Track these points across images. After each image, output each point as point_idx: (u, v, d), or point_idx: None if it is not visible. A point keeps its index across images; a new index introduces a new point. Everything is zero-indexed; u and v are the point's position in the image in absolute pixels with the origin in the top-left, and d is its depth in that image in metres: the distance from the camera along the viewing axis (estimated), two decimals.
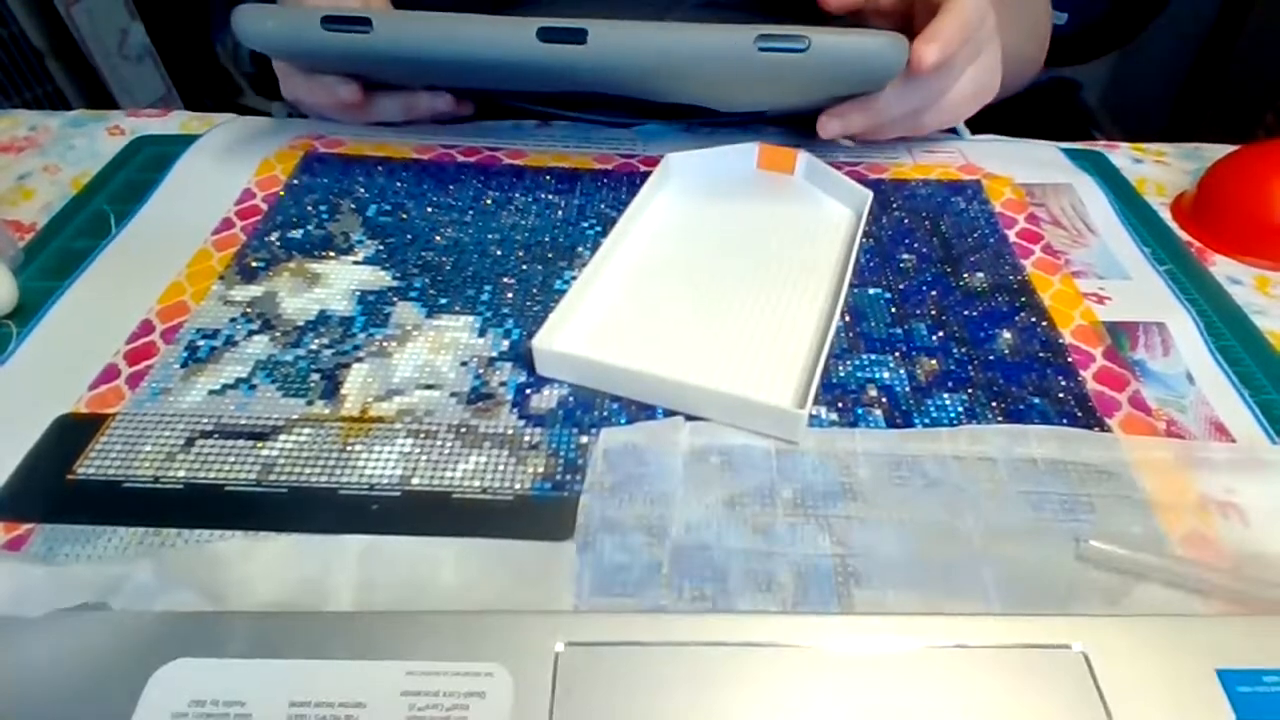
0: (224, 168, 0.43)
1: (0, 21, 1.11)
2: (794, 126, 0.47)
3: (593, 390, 0.31)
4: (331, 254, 0.38)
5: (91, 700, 0.19)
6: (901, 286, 0.37)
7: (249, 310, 0.34)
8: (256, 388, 0.31)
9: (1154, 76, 1.35)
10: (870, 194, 0.40)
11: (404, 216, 0.40)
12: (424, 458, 0.28)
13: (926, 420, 0.30)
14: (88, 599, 0.23)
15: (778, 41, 0.35)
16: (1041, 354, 0.33)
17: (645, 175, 0.41)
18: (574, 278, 0.35)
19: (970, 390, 0.32)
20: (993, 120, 0.50)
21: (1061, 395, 0.31)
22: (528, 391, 0.31)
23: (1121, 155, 0.49)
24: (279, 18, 0.37)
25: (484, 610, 0.23)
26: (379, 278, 0.36)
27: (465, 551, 0.25)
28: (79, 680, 0.20)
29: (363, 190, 0.42)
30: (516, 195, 0.42)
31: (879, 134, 0.43)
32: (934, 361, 0.33)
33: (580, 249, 0.39)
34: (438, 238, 0.39)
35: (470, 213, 0.41)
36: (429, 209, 0.41)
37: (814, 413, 0.30)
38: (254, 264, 0.37)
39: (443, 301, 0.35)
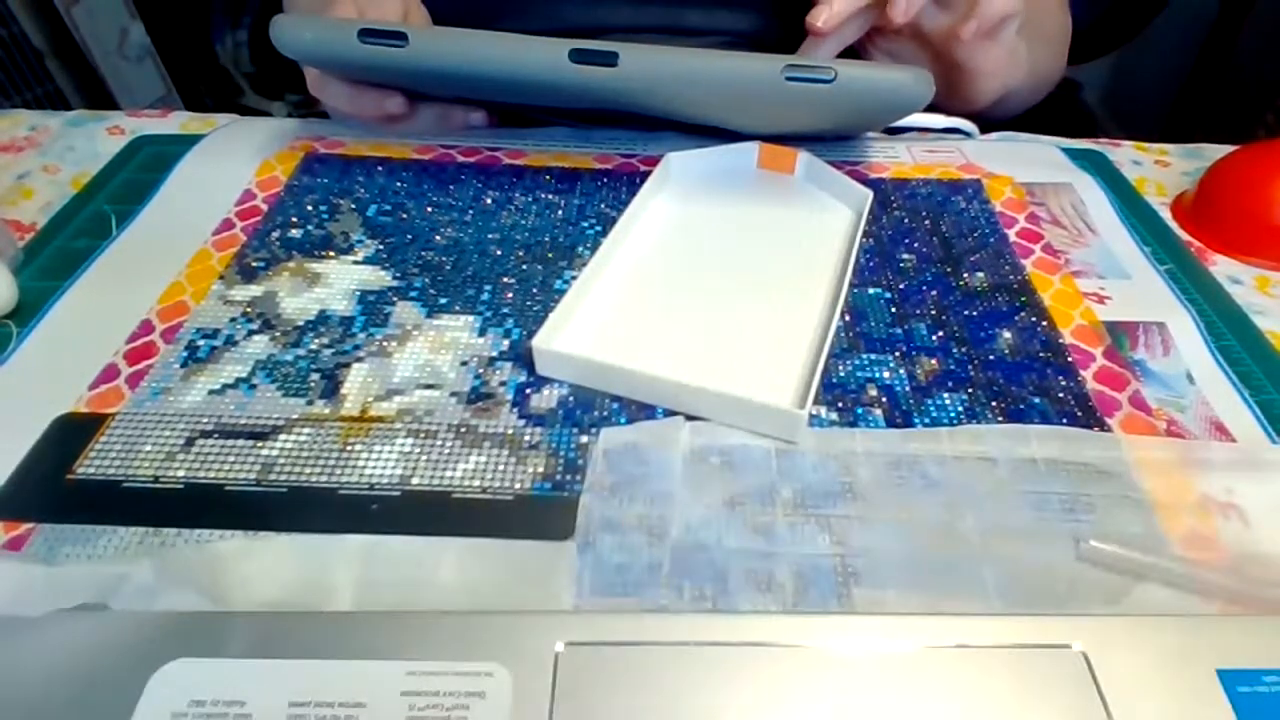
0: (224, 168, 0.43)
1: (0, 21, 1.11)
2: None
3: (593, 390, 0.31)
4: (331, 254, 0.38)
5: (91, 700, 0.19)
6: (901, 286, 0.37)
7: (249, 310, 0.34)
8: (256, 387, 0.31)
9: (1154, 76, 1.34)
10: (870, 193, 0.40)
11: (404, 216, 0.40)
12: (424, 457, 0.28)
13: (926, 420, 0.30)
14: (87, 599, 0.23)
15: (805, 72, 0.35)
16: (1041, 354, 0.33)
17: (645, 175, 0.41)
18: (574, 278, 0.35)
19: (970, 390, 0.32)
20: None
21: (1061, 395, 0.31)
22: (528, 391, 0.31)
23: (1123, 154, 0.49)
24: (316, 29, 0.37)
25: (484, 610, 0.23)
26: (379, 278, 0.36)
27: (465, 551, 0.25)
28: (79, 680, 0.20)
29: (363, 190, 0.42)
30: (516, 195, 0.42)
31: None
32: (934, 361, 0.33)
33: (580, 249, 0.39)
34: (438, 238, 0.39)
35: (470, 213, 0.41)
36: (429, 209, 0.41)
37: (814, 413, 0.30)
38: (254, 264, 0.37)
39: (443, 301, 0.35)
